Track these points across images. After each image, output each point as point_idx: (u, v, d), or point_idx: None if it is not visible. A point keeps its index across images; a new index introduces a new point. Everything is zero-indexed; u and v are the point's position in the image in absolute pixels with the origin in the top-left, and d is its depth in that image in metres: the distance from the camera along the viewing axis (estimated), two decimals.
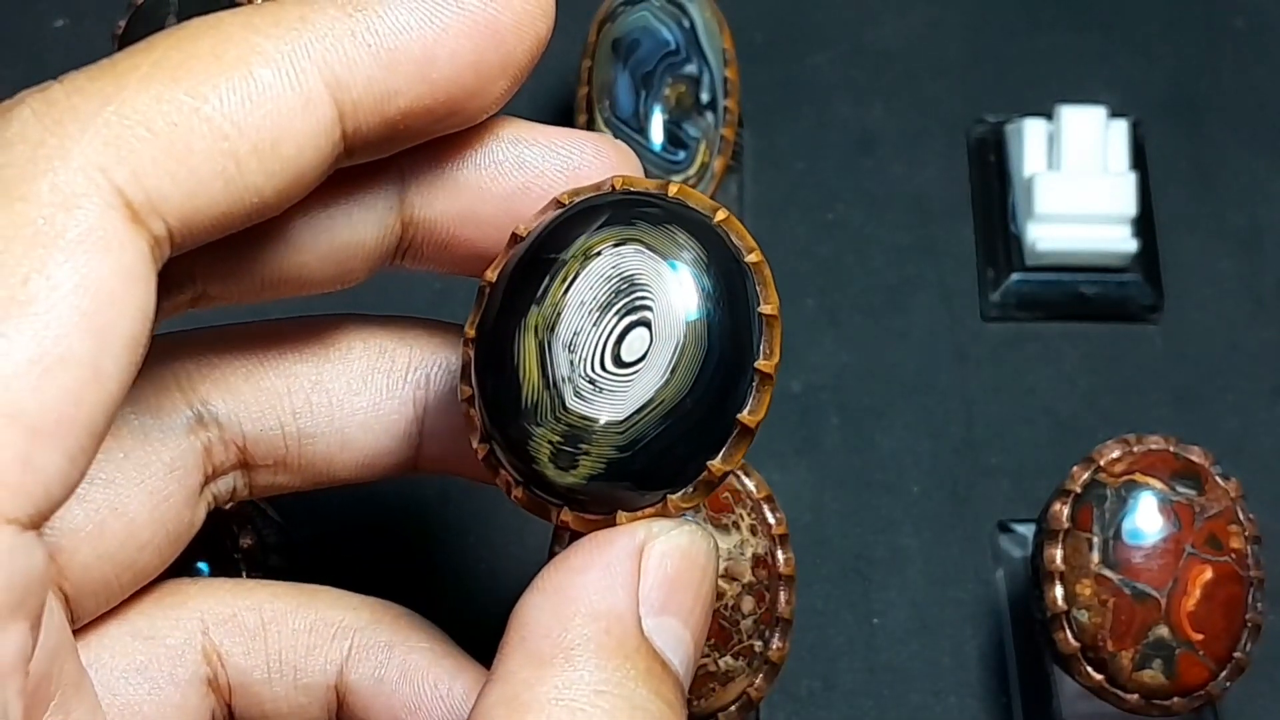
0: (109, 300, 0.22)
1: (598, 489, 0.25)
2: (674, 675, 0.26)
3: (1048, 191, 0.45)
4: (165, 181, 0.23)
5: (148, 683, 0.29)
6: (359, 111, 0.25)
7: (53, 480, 0.22)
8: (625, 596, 0.25)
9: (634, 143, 0.43)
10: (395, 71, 0.25)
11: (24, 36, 0.49)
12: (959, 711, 0.41)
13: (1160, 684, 0.36)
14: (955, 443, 0.44)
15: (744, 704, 0.36)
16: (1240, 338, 0.46)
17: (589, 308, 0.25)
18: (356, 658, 0.30)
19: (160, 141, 0.23)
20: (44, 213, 0.22)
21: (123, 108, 0.23)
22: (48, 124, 0.23)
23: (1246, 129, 0.49)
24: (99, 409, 0.22)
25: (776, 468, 0.43)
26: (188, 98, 0.23)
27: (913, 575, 0.43)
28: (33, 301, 0.22)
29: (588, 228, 0.25)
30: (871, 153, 0.48)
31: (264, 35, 0.24)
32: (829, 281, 0.47)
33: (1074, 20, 0.50)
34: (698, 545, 0.26)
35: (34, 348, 0.22)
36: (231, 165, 0.24)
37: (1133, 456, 0.37)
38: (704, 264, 0.26)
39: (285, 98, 0.24)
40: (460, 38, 0.25)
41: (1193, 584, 0.36)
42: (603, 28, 0.44)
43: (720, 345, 0.25)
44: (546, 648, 0.24)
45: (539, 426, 0.25)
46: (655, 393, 0.25)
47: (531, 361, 0.25)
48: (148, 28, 0.42)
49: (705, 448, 0.26)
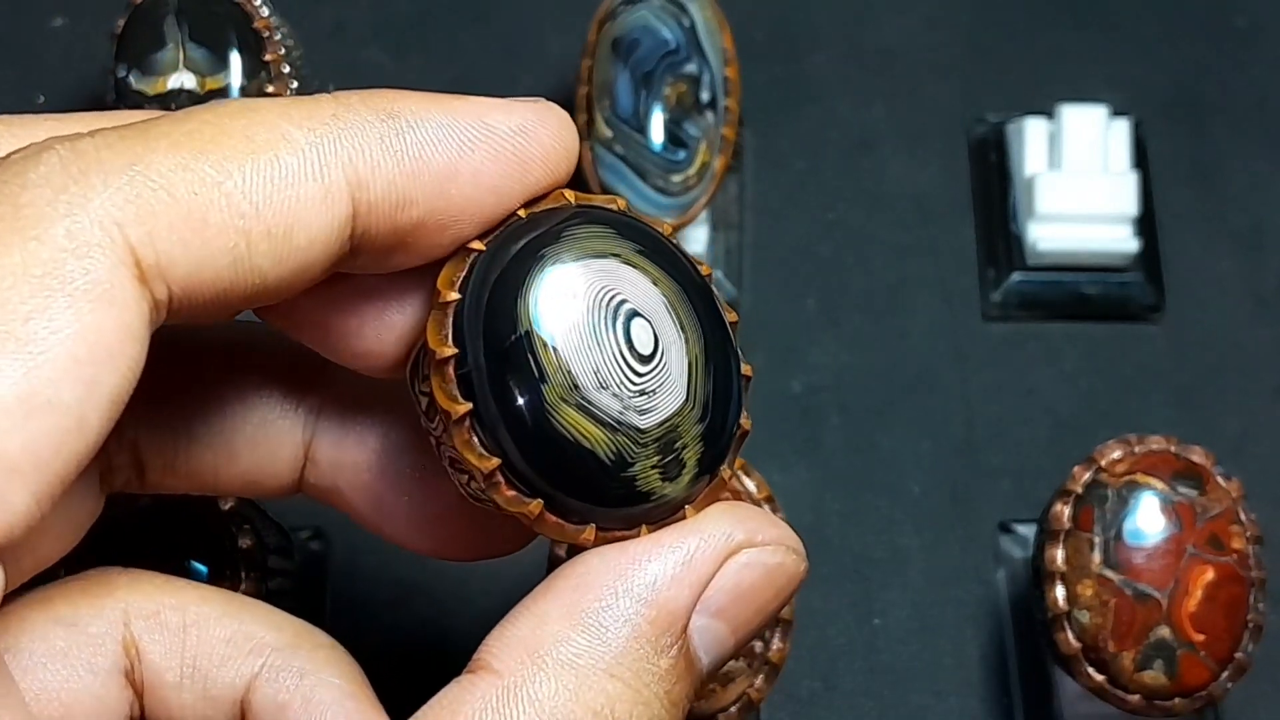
0: (105, 353, 0.23)
1: (703, 470, 0.26)
2: (697, 673, 0.26)
3: (1049, 191, 0.45)
4: (177, 247, 0.23)
5: (66, 669, 0.28)
6: (373, 213, 0.25)
7: (16, 519, 0.22)
8: (688, 595, 0.25)
9: (634, 142, 0.43)
10: (416, 180, 0.25)
11: (23, 36, 0.49)
12: (960, 712, 0.41)
13: (1161, 685, 0.36)
14: (956, 443, 0.44)
15: (744, 705, 0.36)
16: (1242, 337, 0.46)
17: (584, 344, 0.25)
18: (266, 678, 0.29)
19: (179, 208, 0.23)
20: (56, 256, 0.22)
21: (148, 169, 0.23)
22: (73, 172, 0.23)
23: (1248, 128, 0.49)
24: (74, 459, 0.23)
25: (776, 468, 0.43)
26: (212, 170, 0.23)
27: (913, 576, 0.43)
28: (31, 341, 0.22)
29: (516, 286, 0.25)
30: (871, 153, 0.48)
31: (295, 125, 0.24)
32: (829, 281, 0.46)
33: (1075, 19, 0.50)
34: (785, 569, 0.27)
35: (24, 387, 0.22)
36: (243, 244, 0.24)
37: (1134, 457, 0.37)
38: (627, 239, 0.26)
39: (306, 187, 0.24)
40: (485, 160, 0.26)
41: (1194, 584, 0.36)
42: (603, 27, 0.44)
43: (688, 287, 0.26)
44: (590, 609, 0.25)
45: (634, 464, 0.25)
46: (688, 356, 0.26)
47: (585, 427, 0.25)
48: (146, 27, 0.42)
49: (734, 384, 0.26)
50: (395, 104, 0.25)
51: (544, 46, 0.49)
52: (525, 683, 0.24)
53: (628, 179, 0.43)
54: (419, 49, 0.50)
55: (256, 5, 0.43)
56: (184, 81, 0.42)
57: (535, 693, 0.24)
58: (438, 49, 0.50)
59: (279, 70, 0.43)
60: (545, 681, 0.24)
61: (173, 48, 0.42)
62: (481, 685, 0.25)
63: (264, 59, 0.42)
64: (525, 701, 0.24)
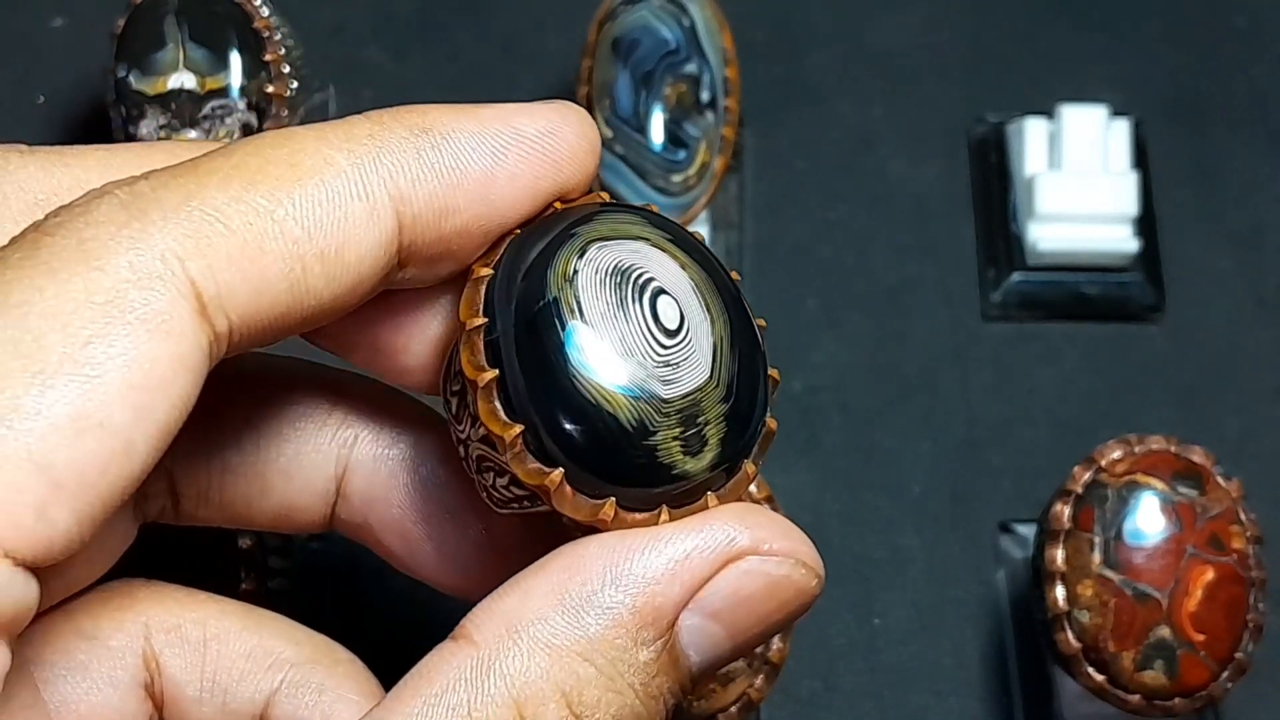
0: (158, 382, 0.23)
1: (726, 453, 0.26)
2: (684, 671, 0.26)
3: (1049, 191, 0.45)
4: (236, 278, 0.24)
5: (87, 681, 0.29)
6: (417, 225, 0.26)
7: (57, 537, 0.23)
8: (678, 593, 0.25)
9: (634, 142, 0.43)
10: (456, 190, 0.26)
11: (23, 36, 0.49)
12: (960, 712, 0.41)
13: (1162, 685, 0.36)
14: (956, 443, 0.44)
15: (744, 705, 0.36)
16: (1242, 337, 0.46)
17: (611, 313, 0.25)
18: (285, 693, 0.30)
19: (235, 239, 0.24)
20: (118, 286, 0.23)
21: (204, 204, 0.24)
22: (133, 211, 0.24)
23: (1248, 128, 0.49)
24: (119, 483, 0.23)
25: (777, 468, 0.43)
26: (263, 201, 0.24)
27: (913, 576, 0.43)
28: (88, 364, 0.23)
29: (548, 258, 0.26)
30: (871, 153, 0.48)
31: (335, 148, 0.25)
32: (829, 281, 0.46)
33: (1075, 19, 0.50)
34: (792, 582, 0.26)
35: (77, 407, 0.22)
36: (298, 268, 0.25)
37: (1134, 457, 0.37)
38: (657, 227, 0.27)
39: (353, 207, 0.25)
40: (519, 163, 0.26)
41: (1194, 584, 0.36)
42: (603, 27, 0.44)
43: (716, 278, 0.27)
44: (574, 592, 0.25)
45: (656, 434, 0.25)
46: (713, 336, 0.26)
47: (607, 391, 0.25)
48: (147, 27, 0.42)
49: (761, 379, 0.27)
50: (426, 119, 0.26)
51: (544, 46, 0.49)
52: (499, 656, 0.25)
53: (628, 179, 0.43)
54: (419, 49, 0.50)
55: (256, 5, 0.43)
56: (184, 81, 0.42)
57: (508, 667, 0.25)
58: (438, 49, 0.50)
59: (279, 70, 0.43)
60: (519, 656, 0.25)
61: (173, 48, 0.42)
62: (459, 655, 0.25)
63: (264, 59, 0.42)
64: (497, 674, 0.25)
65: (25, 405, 0.22)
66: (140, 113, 0.42)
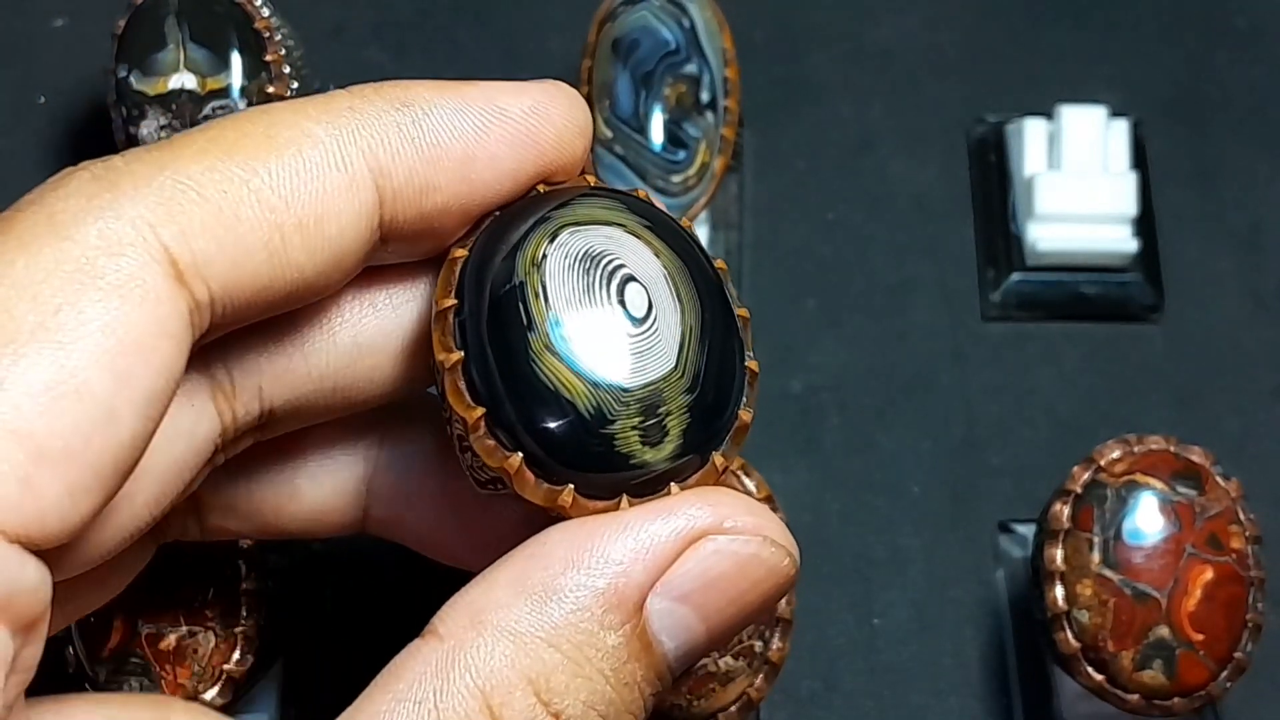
0: (135, 347, 0.23)
1: (689, 445, 0.26)
2: (658, 656, 0.25)
3: (1048, 191, 0.45)
4: (211, 245, 0.24)
5: None
6: (398, 200, 0.26)
7: (49, 508, 0.22)
8: (641, 575, 0.25)
9: (634, 142, 0.43)
10: (436, 167, 0.26)
11: (23, 36, 0.49)
12: (959, 712, 0.41)
13: (1161, 684, 0.36)
14: (955, 443, 0.44)
15: (744, 704, 0.36)
16: (1241, 338, 0.46)
17: (576, 298, 0.25)
18: None
19: (210, 206, 0.24)
20: (87, 254, 0.23)
21: (177, 174, 0.24)
22: (104, 183, 0.24)
23: (1247, 128, 0.49)
24: (108, 451, 0.23)
25: (777, 468, 0.43)
26: (239, 170, 0.24)
27: (913, 575, 0.43)
28: (60, 330, 0.22)
29: (520, 242, 0.26)
30: (871, 153, 0.48)
31: (314, 120, 0.25)
32: (829, 281, 0.47)
33: (1074, 19, 0.50)
34: (762, 561, 0.26)
35: (51, 374, 0.22)
36: (277, 237, 0.24)
37: (1133, 457, 0.37)
38: (637, 214, 0.27)
39: (331, 177, 0.25)
40: (501, 144, 0.26)
41: (1193, 584, 0.36)
42: (603, 27, 0.44)
43: (694, 267, 0.26)
44: (536, 579, 0.25)
45: (614, 422, 0.25)
46: (682, 325, 0.26)
47: (567, 377, 0.25)
48: (147, 27, 0.42)
49: (736, 371, 0.26)
50: (408, 93, 0.26)
51: (544, 46, 0.49)
52: (464, 647, 0.24)
53: (628, 179, 0.43)
54: (419, 49, 0.50)
55: (257, 5, 0.43)
56: (184, 82, 0.42)
57: (473, 658, 0.24)
58: (438, 49, 0.50)
59: (279, 70, 0.43)
60: (483, 647, 0.24)
61: (173, 48, 0.42)
62: (425, 650, 0.25)
63: (264, 59, 0.42)
64: (462, 666, 0.24)
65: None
66: (141, 113, 0.42)
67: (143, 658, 0.35)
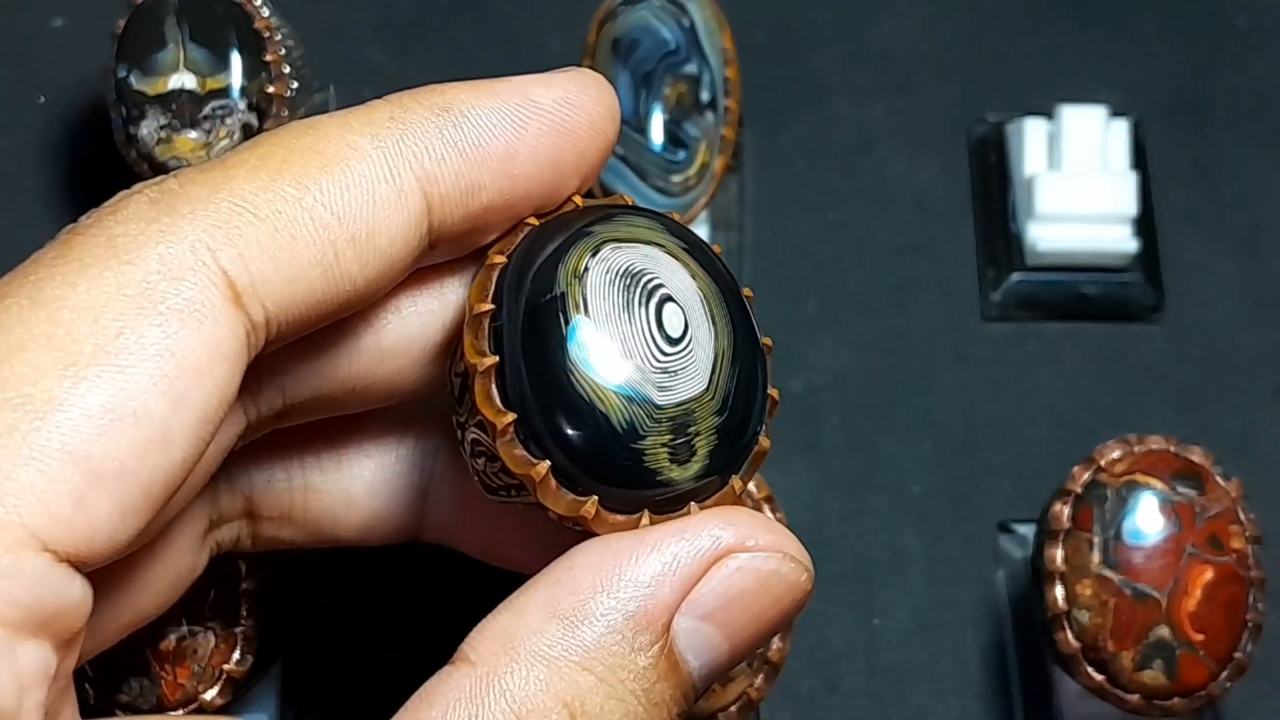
0: (192, 370, 0.23)
1: (714, 466, 0.26)
2: (684, 676, 0.26)
3: (1048, 191, 0.45)
4: (269, 266, 0.24)
5: None
6: (445, 204, 0.26)
7: (99, 527, 0.23)
8: (669, 595, 0.25)
9: (634, 142, 0.43)
10: (480, 167, 0.26)
11: (23, 36, 0.49)
12: (960, 712, 0.41)
13: (1161, 684, 0.36)
14: (956, 443, 0.44)
15: (744, 704, 0.36)
16: (1241, 337, 0.46)
17: (616, 313, 0.26)
18: None
19: (266, 227, 0.24)
20: (148, 278, 0.23)
21: (232, 195, 0.24)
22: (161, 207, 0.24)
23: (1248, 128, 0.49)
24: (160, 472, 0.23)
25: (777, 468, 0.43)
26: (291, 189, 0.25)
27: (913, 576, 0.43)
28: (120, 354, 0.23)
29: (561, 252, 0.26)
30: (871, 153, 0.48)
31: (359, 134, 0.25)
32: (829, 281, 0.46)
33: (1075, 19, 0.50)
34: (782, 577, 0.26)
35: (110, 397, 0.23)
36: (330, 254, 0.25)
37: (1133, 457, 0.37)
38: (674, 235, 0.27)
39: (380, 190, 0.25)
40: (539, 137, 0.27)
41: (1193, 584, 0.36)
42: (603, 27, 0.44)
43: (727, 293, 0.27)
44: (566, 603, 0.25)
45: (645, 438, 0.25)
46: (715, 348, 0.26)
47: (604, 391, 0.25)
48: (147, 27, 0.42)
49: (758, 397, 0.27)
50: (445, 98, 0.26)
51: (544, 46, 0.49)
52: (498, 673, 0.25)
53: (628, 179, 0.43)
54: (419, 49, 0.50)
55: (257, 5, 0.43)
56: (184, 82, 0.42)
57: (507, 683, 0.24)
58: (438, 49, 0.50)
59: (279, 70, 0.43)
60: (517, 672, 0.25)
61: (173, 48, 0.42)
62: (457, 676, 0.25)
63: (264, 59, 0.42)
64: (496, 692, 0.24)
65: (58, 397, 0.22)
66: (140, 113, 0.42)
67: (143, 658, 0.35)
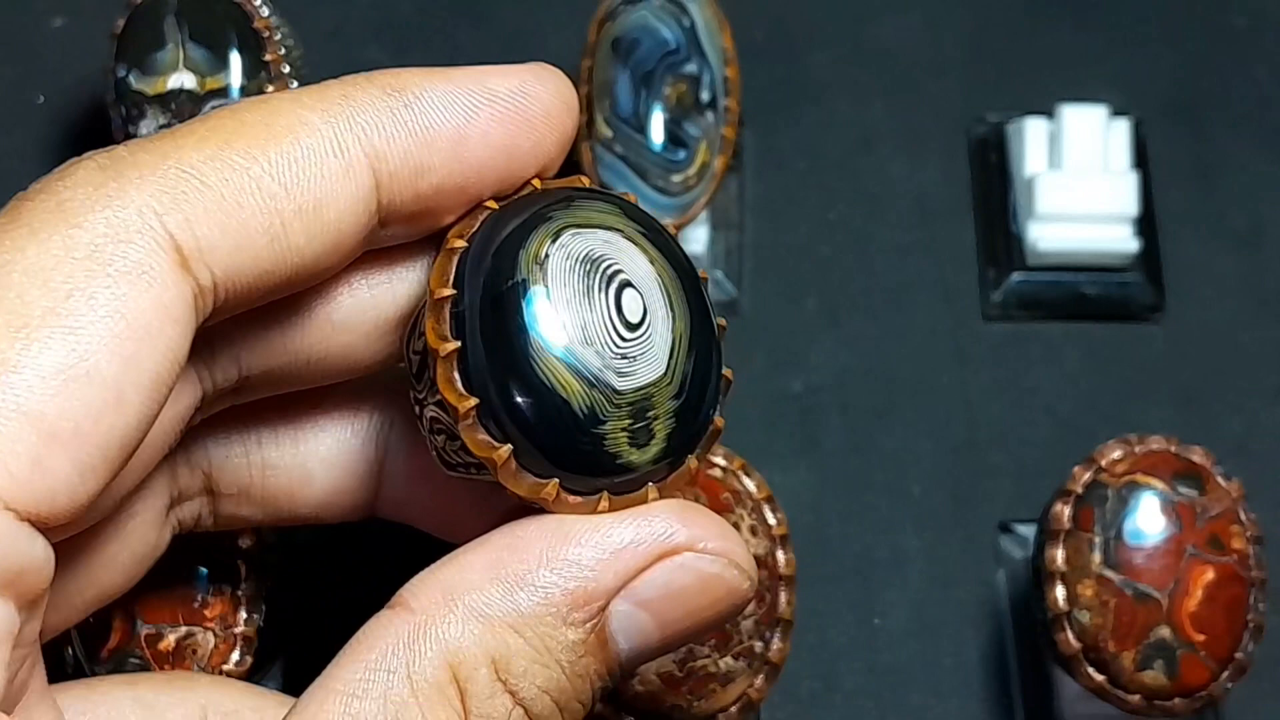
0: (143, 331, 0.24)
1: (671, 448, 0.26)
2: (612, 654, 0.26)
3: (1049, 191, 0.45)
4: (215, 231, 0.25)
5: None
6: (394, 183, 0.26)
7: (59, 488, 0.23)
8: (610, 581, 0.26)
9: (634, 142, 0.43)
10: (429, 148, 0.26)
11: (22, 36, 0.49)
12: (960, 712, 0.41)
13: (1162, 685, 0.36)
14: (956, 443, 0.44)
15: (744, 705, 0.36)
16: (1242, 337, 0.46)
17: (576, 300, 0.26)
18: None
19: (212, 194, 0.25)
20: (96, 241, 0.24)
21: (180, 163, 0.25)
22: (109, 173, 0.24)
23: (1248, 128, 0.49)
24: (115, 432, 0.24)
25: (777, 468, 0.43)
26: (239, 158, 0.25)
27: (913, 576, 0.43)
28: (70, 315, 0.23)
29: (521, 238, 0.26)
30: (871, 153, 0.48)
31: (309, 109, 0.26)
32: (829, 281, 0.46)
33: (1075, 19, 0.50)
34: (724, 581, 0.27)
35: (62, 357, 0.23)
36: (277, 223, 0.25)
37: (1134, 457, 0.37)
38: (632, 219, 0.27)
39: (328, 164, 0.26)
40: (491, 123, 0.27)
41: (1194, 584, 0.36)
42: (603, 27, 0.44)
43: (684, 276, 0.27)
44: (511, 569, 0.26)
45: (606, 423, 0.26)
46: (672, 333, 0.27)
47: (565, 377, 0.26)
48: (146, 27, 0.42)
49: (713, 378, 0.27)
50: (399, 79, 0.27)
51: (544, 46, 0.49)
52: (435, 622, 0.25)
53: (628, 179, 0.43)
54: (419, 49, 0.50)
55: (256, 5, 0.43)
56: (184, 81, 0.42)
57: (444, 633, 0.25)
58: (438, 49, 0.50)
59: (279, 70, 0.43)
60: (454, 623, 0.25)
61: (173, 48, 0.42)
62: (396, 621, 0.26)
63: (264, 59, 0.42)
64: (432, 639, 0.25)
65: (10, 359, 0.23)
66: (140, 113, 0.42)
67: (142, 658, 0.35)
